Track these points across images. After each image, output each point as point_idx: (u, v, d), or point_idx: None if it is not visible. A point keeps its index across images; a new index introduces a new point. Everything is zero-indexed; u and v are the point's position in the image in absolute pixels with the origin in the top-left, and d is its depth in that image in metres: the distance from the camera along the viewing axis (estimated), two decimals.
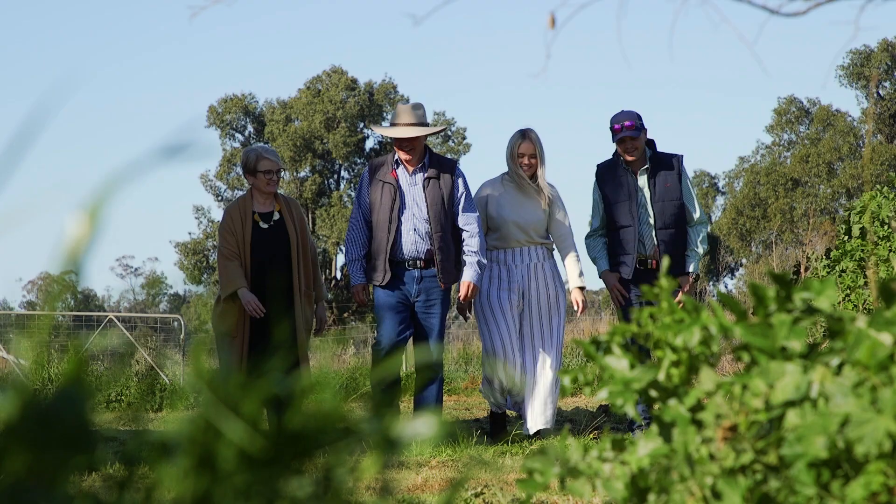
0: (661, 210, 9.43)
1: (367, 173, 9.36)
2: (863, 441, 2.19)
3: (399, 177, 9.25)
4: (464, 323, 33.16)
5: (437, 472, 7.44)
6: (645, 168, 9.50)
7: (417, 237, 9.17)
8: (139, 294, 75.36)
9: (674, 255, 9.45)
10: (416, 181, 9.24)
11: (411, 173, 9.25)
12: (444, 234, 9.19)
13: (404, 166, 9.27)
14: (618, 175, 9.52)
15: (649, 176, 9.50)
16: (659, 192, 9.45)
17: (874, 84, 52.79)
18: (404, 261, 9.21)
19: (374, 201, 9.23)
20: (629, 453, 2.49)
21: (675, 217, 9.46)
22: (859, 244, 11.71)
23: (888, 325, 2.30)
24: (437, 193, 9.20)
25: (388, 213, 9.15)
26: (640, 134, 9.44)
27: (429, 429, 1.66)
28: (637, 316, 2.56)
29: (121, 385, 14.19)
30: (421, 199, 9.21)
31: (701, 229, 9.59)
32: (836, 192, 53.40)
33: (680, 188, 9.53)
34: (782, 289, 2.42)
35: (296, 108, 54.63)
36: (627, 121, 9.41)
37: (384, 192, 9.20)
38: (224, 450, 1.60)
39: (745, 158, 57.81)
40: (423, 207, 9.19)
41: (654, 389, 2.47)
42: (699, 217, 9.60)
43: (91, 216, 1.53)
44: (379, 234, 9.20)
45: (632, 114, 9.49)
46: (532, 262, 9.57)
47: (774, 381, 2.33)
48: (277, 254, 9.13)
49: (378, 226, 9.20)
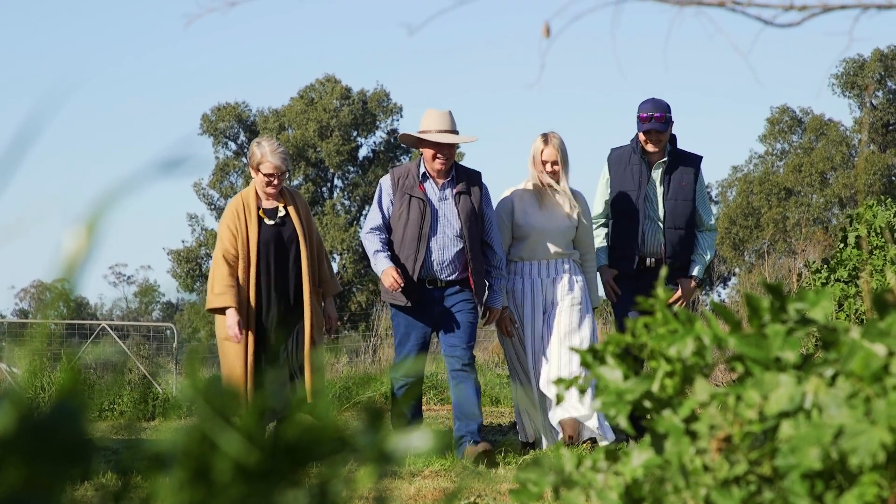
0: (673, 209, 9.11)
1: (390, 183, 8.70)
2: (857, 452, 2.19)
3: (427, 191, 8.63)
4: None
5: (431, 482, 7.43)
6: (662, 161, 9.17)
7: (447, 255, 8.58)
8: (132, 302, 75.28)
9: (679, 258, 9.16)
10: (447, 196, 8.64)
11: (440, 187, 8.65)
12: (476, 252, 8.62)
13: (432, 179, 8.65)
14: (632, 163, 9.15)
15: (665, 171, 9.16)
16: (673, 189, 9.12)
17: (869, 94, 52.89)
18: (430, 279, 8.62)
19: (400, 215, 8.60)
20: (623, 464, 2.49)
21: (686, 218, 9.13)
22: (855, 254, 11.71)
23: (882, 336, 2.31)
24: (469, 208, 8.61)
25: (417, 230, 8.52)
26: (667, 127, 9.10)
27: (423, 442, 1.66)
28: (632, 326, 2.56)
29: (114, 394, 14.16)
30: (453, 215, 8.59)
31: (711, 236, 9.27)
32: (828, 201, 53.43)
33: (694, 189, 9.19)
34: (776, 299, 2.43)
35: (289, 117, 54.61)
36: (657, 112, 9.06)
37: (412, 208, 8.55)
38: (219, 461, 1.60)
39: (738, 168, 57.83)
40: (455, 224, 8.59)
41: (648, 400, 2.48)
42: (710, 223, 9.29)
43: (88, 230, 1.54)
44: (405, 252, 8.58)
45: (662, 104, 9.13)
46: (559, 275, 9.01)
47: (768, 391, 2.33)
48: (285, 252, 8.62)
49: (404, 243, 8.57)
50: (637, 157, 9.13)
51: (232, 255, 8.51)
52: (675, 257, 9.16)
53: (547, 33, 3.43)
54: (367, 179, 55.30)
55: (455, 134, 8.66)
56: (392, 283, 8.40)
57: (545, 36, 3.43)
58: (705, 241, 9.26)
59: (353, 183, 55.67)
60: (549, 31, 3.43)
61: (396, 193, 8.63)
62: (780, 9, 3.41)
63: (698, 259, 9.25)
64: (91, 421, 1.54)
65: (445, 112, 8.72)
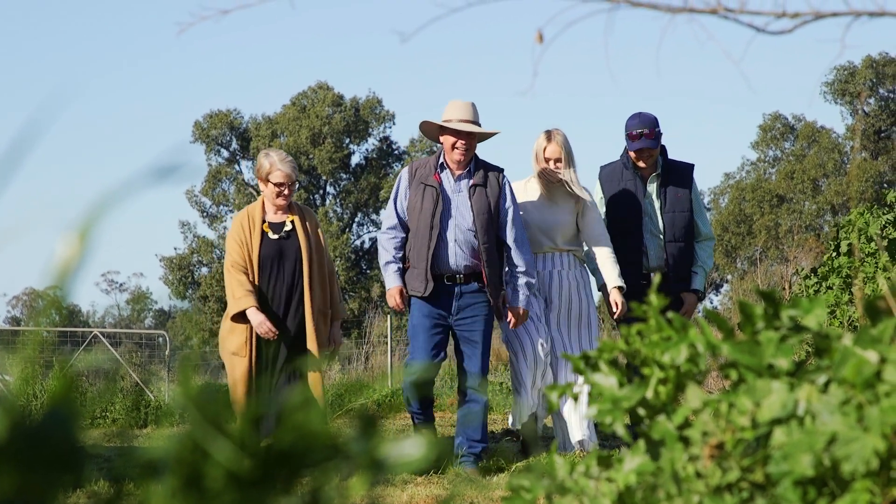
0: (672, 221, 8.96)
1: (407, 174, 8.58)
2: (849, 459, 2.19)
3: (442, 180, 8.48)
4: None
5: (423, 489, 7.42)
6: (656, 175, 9.02)
7: (460, 249, 8.39)
8: (124, 310, 75.23)
9: (681, 271, 8.99)
10: (461, 188, 8.49)
11: (456, 178, 8.49)
12: (491, 247, 8.40)
13: (449, 170, 8.49)
14: (624, 179, 9.00)
15: (660, 184, 9.01)
16: (670, 202, 8.97)
17: (861, 101, 52.94)
18: (444, 274, 8.44)
19: (414, 205, 8.44)
20: (616, 470, 2.49)
21: (685, 230, 8.97)
22: (847, 261, 11.71)
23: (874, 343, 2.31)
24: (483, 202, 8.41)
25: (430, 219, 8.36)
26: (658, 143, 8.94)
27: (417, 450, 1.66)
28: (625, 333, 2.56)
29: (106, 401, 14.14)
30: (466, 207, 8.44)
31: (709, 245, 9.12)
32: (821, 208, 53.49)
33: (690, 200, 9.04)
34: (770, 306, 2.43)
35: (281, 124, 54.61)
36: (646, 129, 8.89)
37: (426, 196, 8.40)
38: (211, 469, 1.60)
39: (731, 175, 57.90)
40: (468, 217, 8.43)
41: (642, 407, 2.48)
42: (708, 232, 9.14)
43: (80, 238, 1.53)
44: (418, 242, 8.41)
45: (649, 119, 8.95)
46: (556, 268, 8.93)
47: (761, 398, 2.33)
48: (289, 266, 8.48)
49: (418, 232, 8.41)
50: (630, 173, 8.99)
51: (241, 265, 8.42)
52: (676, 269, 9.00)
53: (540, 40, 3.43)
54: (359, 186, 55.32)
55: (477, 125, 8.50)
56: (394, 305, 8.34)
57: (538, 43, 3.43)
58: (704, 252, 9.10)
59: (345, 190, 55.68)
60: (543, 38, 3.43)
61: (413, 184, 8.50)
62: (773, 16, 3.41)
63: (699, 271, 9.08)
64: (83, 428, 1.53)
65: (468, 103, 8.56)
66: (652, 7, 3.40)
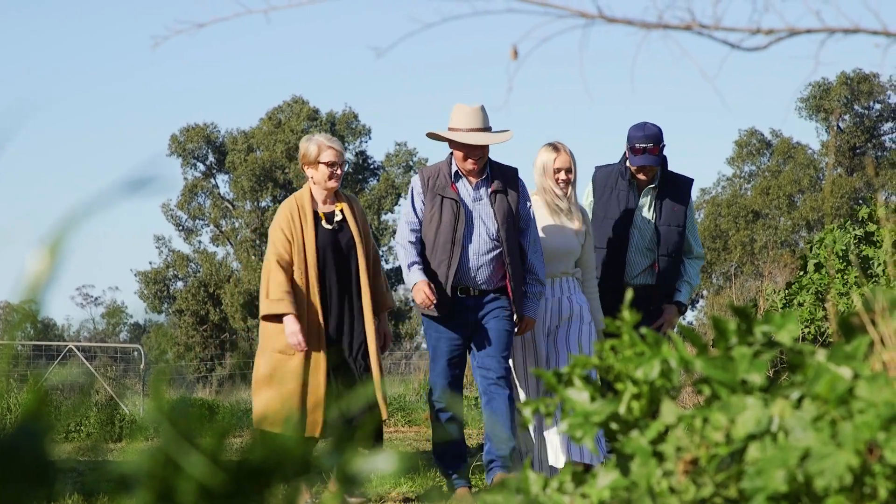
0: (666, 235, 8.54)
1: (419, 184, 8.04)
2: (823, 475, 2.19)
3: (460, 191, 7.98)
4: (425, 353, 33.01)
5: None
6: (652, 187, 8.61)
7: (483, 261, 7.91)
8: (99, 324, 74.94)
9: (667, 285, 8.61)
10: (481, 195, 7.98)
11: (474, 186, 7.99)
12: (515, 257, 7.90)
13: (465, 179, 8.00)
14: (618, 187, 8.59)
15: (657, 196, 8.61)
16: (665, 215, 8.56)
17: (836, 118, 53.15)
18: (465, 287, 7.92)
19: (431, 218, 7.92)
20: (589, 486, 2.49)
21: (676, 245, 8.56)
22: (817, 277, 11.76)
23: (847, 359, 2.31)
24: (506, 209, 7.93)
25: (451, 234, 7.85)
26: (661, 160, 8.55)
27: (389, 464, 1.66)
28: (598, 348, 2.56)
29: (80, 415, 14.08)
30: (489, 216, 7.94)
31: (698, 263, 8.77)
32: (796, 224, 53.65)
33: (685, 216, 8.65)
34: (743, 322, 2.43)
35: (257, 138, 54.52)
36: (650, 143, 8.47)
37: (444, 209, 7.89)
38: (184, 483, 1.59)
39: (707, 190, 58.00)
40: (491, 226, 7.93)
41: (615, 422, 2.48)
42: (700, 251, 8.78)
43: (52, 251, 1.53)
44: (437, 258, 7.89)
45: (655, 134, 8.50)
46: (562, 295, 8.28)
47: (735, 414, 2.33)
48: (344, 258, 7.94)
49: (437, 247, 7.89)
50: (625, 183, 8.56)
51: (286, 260, 7.84)
52: (662, 284, 8.63)
53: (515, 56, 3.44)
54: None
55: (487, 131, 7.99)
56: (424, 299, 7.73)
57: (513, 58, 3.44)
58: (692, 269, 8.74)
59: None
60: (517, 54, 3.44)
61: (427, 194, 7.98)
62: (747, 32, 3.43)
63: (684, 286, 8.72)
64: (56, 442, 1.53)
65: (476, 108, 8.02)
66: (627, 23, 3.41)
